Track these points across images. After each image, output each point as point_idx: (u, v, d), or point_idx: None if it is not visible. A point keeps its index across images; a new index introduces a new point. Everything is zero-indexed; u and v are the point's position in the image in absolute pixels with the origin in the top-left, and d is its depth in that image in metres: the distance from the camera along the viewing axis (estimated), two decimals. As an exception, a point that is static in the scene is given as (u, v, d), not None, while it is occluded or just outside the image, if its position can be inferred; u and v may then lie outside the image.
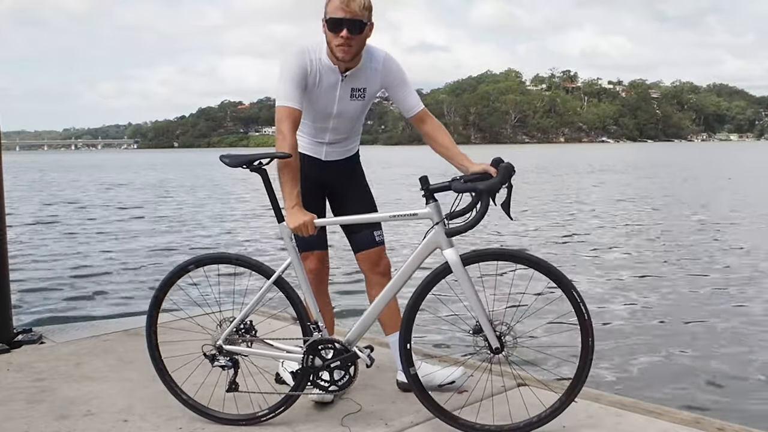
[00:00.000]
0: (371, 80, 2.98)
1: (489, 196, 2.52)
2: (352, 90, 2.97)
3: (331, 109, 3.00)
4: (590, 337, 2.58)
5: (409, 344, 2.73)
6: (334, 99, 2.97)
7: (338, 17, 2.75)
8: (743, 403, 4.48)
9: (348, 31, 2.76)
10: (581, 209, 17.25)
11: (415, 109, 2.99)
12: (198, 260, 2.89)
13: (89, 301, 7.87)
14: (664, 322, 6.49)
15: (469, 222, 2.54)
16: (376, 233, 3.12)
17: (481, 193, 2.52)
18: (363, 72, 2.95)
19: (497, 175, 2.58)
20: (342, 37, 2.76)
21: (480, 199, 2.52)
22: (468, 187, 2.55)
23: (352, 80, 2.95)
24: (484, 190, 2.52)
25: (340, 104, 2.99)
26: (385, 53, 2.99)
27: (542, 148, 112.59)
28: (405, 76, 3.02)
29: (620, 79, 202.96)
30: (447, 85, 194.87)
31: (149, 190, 27.88)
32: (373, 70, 2.96)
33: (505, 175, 2.56)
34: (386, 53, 3.00)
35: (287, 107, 2.83)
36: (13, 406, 3.09)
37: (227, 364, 2.84)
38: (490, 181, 2.54)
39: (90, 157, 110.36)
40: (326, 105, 2.98)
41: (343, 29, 2.75)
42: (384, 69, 2.97)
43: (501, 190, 2.57)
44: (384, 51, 3.00)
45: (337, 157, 3.16)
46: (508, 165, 2.60)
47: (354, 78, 2.95)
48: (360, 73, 2.95)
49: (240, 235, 13.63)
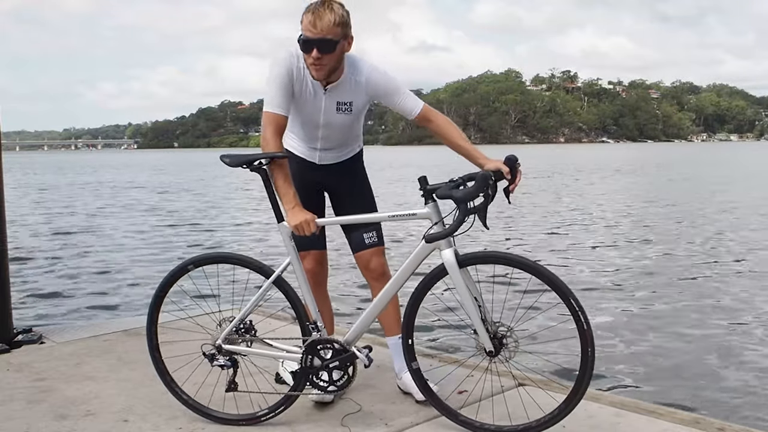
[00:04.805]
0: (356, 93, 2.90)
1: (465, 204, 2.51)
2: (338, 104, 2.91)
3: (318, 120, 2.96)
4: (590, 347, 2.51)
5: (410, 339, 2.74)
6: (320, 110, 2.92)
7: (307, 38, 2.70)
8: (743, 403, 4.48)
9: (318, 50, 2.69)
10: (590, 210, 17.25)
11: (415, 110, 2.90)
12: (197, 260, 2.89)
13: (89, 302, 7.87)
14: (664, 321, 6.48)
15: (446, 230, 2.56)
16: (366, 235, 3.07)
17: (456, 201, 2.53)
18: (347, 85, 2.88)
19: (474, 183, 2.55)
20: (313, 57, 2.71)
21: (457, 208, 2.53)
22: (446, 195, 2.54)
23: (336, 94, 2.89)
24: (460, 200, 2.52)
25: (326, 116, 2.94)
26: (369, 65, 2.90)
27: (542, 149, 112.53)
28: (393, 82, 2.90)
29: (620, 79, 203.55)
30: (447, 85, 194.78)
31: (159, 190, 27.88)
32: (357, 83, 2.88)
33: (482, 185, 2.54)
34: (371, 64, 2.90)
35: (272, 113, 2.81)
36: (13, 406, 3.09)
37: (226, 364, 2.84)
38: (466, 190, 2.53)
39: (96, 158, 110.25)
40: (312, 114, 2.94)
41: (313, 49, 2.70)
42: (368, 82, 2.87)
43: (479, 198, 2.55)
44: (369, 63, 2.90)
45: (331, 161, 3.13)
46: (485, 173, 2.58)
47: (337, 91, 2.88)
48: (343, 87, 2.88)
49: (243, 235, 13.63)
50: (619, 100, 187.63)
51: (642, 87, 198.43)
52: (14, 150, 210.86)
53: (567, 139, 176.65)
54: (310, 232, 2.73)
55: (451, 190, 2.55)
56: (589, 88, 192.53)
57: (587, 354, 2.52)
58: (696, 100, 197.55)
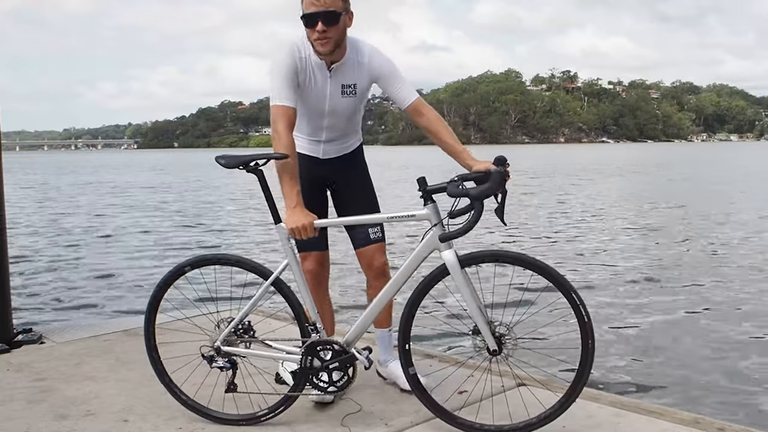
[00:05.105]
0: (359, 75, 2.95)
1: (481, 202, 2.52)
2: (343, 87, 2.95)
3: (323, 107, 2.98)
4: (590, 339, 2.55)
5: (408, 344, 2.72)
6: (326, 96, 2.95)
7: (311, 12, 2.74)
8: (743, 403, 4.48)
9: (323, 23, 2.73)
10: (591, 209, 17.26)
11: (409, 99, 2.92)
12: (195, 261, 2.88)
13: (89, 302, 7.86)
14: (665, 322, 6.48)
15: (462, 228, 2.55)
16: (372, 230, 3.10)
17: (473, 199, 2.52)
18: (350, 67, 2.92)
19: (490, 181, 2.55)
20: (318, 31, 2.75)
21: (473, 206, 2.53)
22: (461, 193, 2.54)
23: (340, 76, 2.93)
24: (477, 197, 2.52)
25: (331, 101, 2.97)
26: (371, 46, 2.95)
27: (542, 149, 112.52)
28: (394, 67, 2.95)
29: (620, 79, 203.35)
30: (447, 85, 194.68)
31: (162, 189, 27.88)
32: (360, 63, 2.92)
33: (499, 182, 2.55)
34: (372, 46, 2.96)
35: (281, 106, 2.82)
36: (13, 406, 3.09)
37: (225, 365, 2.84)
38: (483, 188, 2.53)
39: (96, 158, 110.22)
40: (318, 102, 2.97)
41: (318, 23, 2.74)
42: (370, 62, 2.93)
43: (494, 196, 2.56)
44: (370, 44, 2.97)
45: (335, 154, 3.15)
46: (501, 170, 2.58)
47: (341, 73, 2.92)
48: (347, 68, 2.92)
49: (245, 236, 13.63)
50: (619, 100, 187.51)
51: (642, 87, 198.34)
52: (14, 150, 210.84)
53: (567, 139, 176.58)
54: (307, 237, 2.72)
55: (467, 189, 2.54)
56: (589, 88, 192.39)
57: (588, 346, 2.55)
58: (696, 100, 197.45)
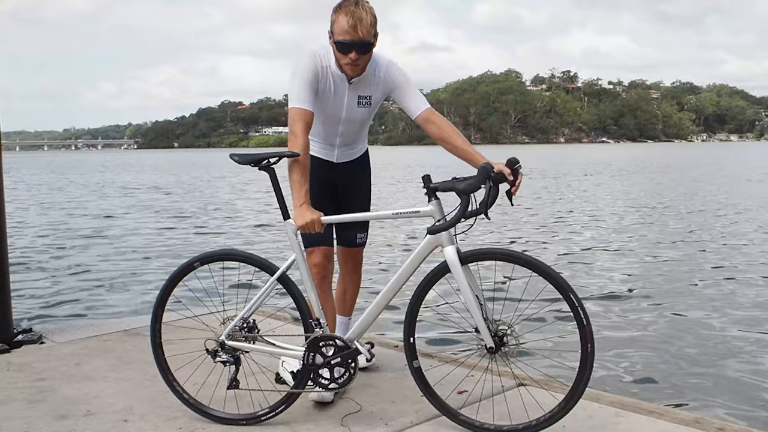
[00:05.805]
0: (375, 87, 3.06)
1: (468, 196, 2.57)
2: (359, 97, 3.06)
3: (340, 115, 3.09)
4: (589, 343, 2.52)
5: (412, 338, 2.76)
6: (343, 105, 3.06)
7: (346, 41, 2.81)
8: (744, 403, 4.48)
9: (357, 53, 2.84)
10: (593, 208, 17.27)
11: (420, 109, 3.01)
12: (204, 257, 2.92)
13: (89, 301, 7.86)
14: (665, 322, 6.48)
15: (449, 221, 2.60)
16: (360, 235, 3.28)
17: (460, 193, 2.58)
18: (368, 79, 3.04)
19: (476, 175, 2.62)
20: (351, 59, 2.85)
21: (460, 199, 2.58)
22: (448, 187, 2.61)
23: (358, 88, 3.04)
24: (463, 191, 2.57)
25: (348, 110, 3.08)
26: (388, 60, 3.07)
27: (542, 149, 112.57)
28: (408, 79, 3.08)
29: (620, 79, 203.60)
30: (447, 85, 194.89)
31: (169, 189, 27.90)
32: (377, 77, 3.05)
33: (483, 177, 2.60)
34: (389, 60, 3.07)
35: (300, 109, 2.90)
36: (13, 406, 3.10)
37: (229, 360, 2.86)
38: (468, 182, 2.59)
39: (96, 158, 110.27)
40: (335, 111, 3.07)
41: (352, 51, 2.83)
42: (386, 75, 3.05)
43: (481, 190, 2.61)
44: (387, 58, 3.07)
45: (348, 158, 3.27)
46: (486, 165, 2.64)
47: (359, 85, 3.03)
48: (365, 81, 3.03)
49: (251, 234, 13.63)
50: (619, 100, 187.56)
51: (642, 87, 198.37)
52: (14, 150, 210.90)
53: (567, 139, 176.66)
54: (315, 231, 2.79)
55: (454, 183, 2.61)
56: (589, 88, 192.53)
57: (587, 350, 2.54)
58: (696, 100, 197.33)
